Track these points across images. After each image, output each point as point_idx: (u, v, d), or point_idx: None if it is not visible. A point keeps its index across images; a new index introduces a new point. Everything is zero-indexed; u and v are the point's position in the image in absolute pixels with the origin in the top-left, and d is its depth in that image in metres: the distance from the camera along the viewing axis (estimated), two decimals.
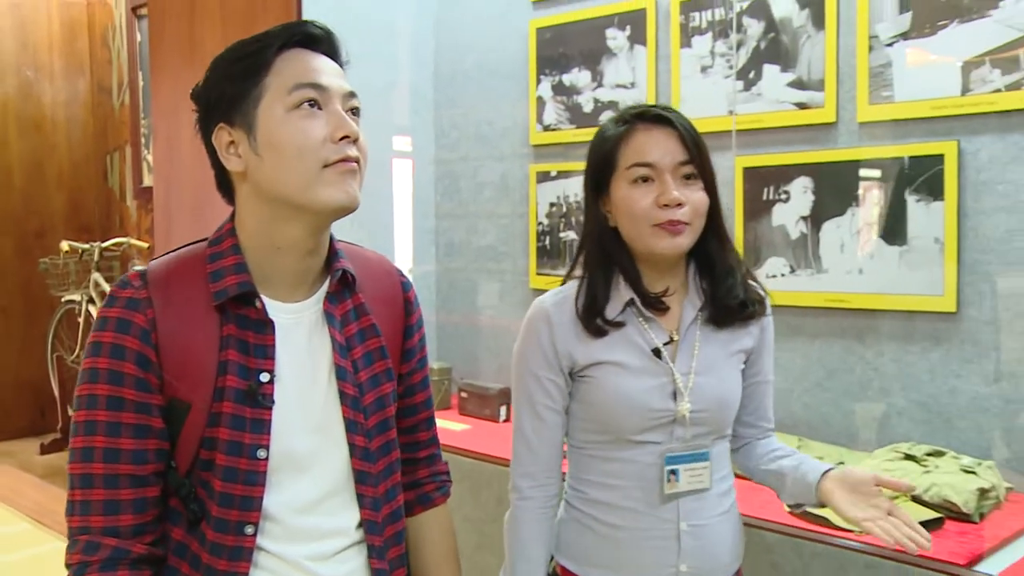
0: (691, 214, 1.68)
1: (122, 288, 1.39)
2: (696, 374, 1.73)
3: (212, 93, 1.42)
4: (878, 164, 2.67)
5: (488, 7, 3.65)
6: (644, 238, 1.70)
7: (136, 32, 5.79)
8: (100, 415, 1.34)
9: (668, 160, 1.69)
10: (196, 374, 1.38)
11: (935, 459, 2.40)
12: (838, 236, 2.75)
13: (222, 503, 1.38)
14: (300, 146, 1.37)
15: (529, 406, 1.80)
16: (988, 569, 1.98)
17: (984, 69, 2.46)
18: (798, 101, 2.82)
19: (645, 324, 1.75)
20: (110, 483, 1.34)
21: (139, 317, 1.36)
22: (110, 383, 1.34)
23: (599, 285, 1.76)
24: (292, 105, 1.38)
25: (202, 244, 1.47)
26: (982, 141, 2.48)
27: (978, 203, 2.49)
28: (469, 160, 3.75)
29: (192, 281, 1.41)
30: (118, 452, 1.34)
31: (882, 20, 2.64)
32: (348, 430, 1.48)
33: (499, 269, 3.68)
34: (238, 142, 1.41)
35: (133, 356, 1.34)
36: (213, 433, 1.38)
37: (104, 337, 1.35)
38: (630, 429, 1.72)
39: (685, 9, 3.05)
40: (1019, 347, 2.44)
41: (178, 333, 1.38)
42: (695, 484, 1.72)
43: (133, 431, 1.35)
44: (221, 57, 1.44)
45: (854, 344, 2.72)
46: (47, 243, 6.07)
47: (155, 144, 4.04)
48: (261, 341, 1.42)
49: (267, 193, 1.40)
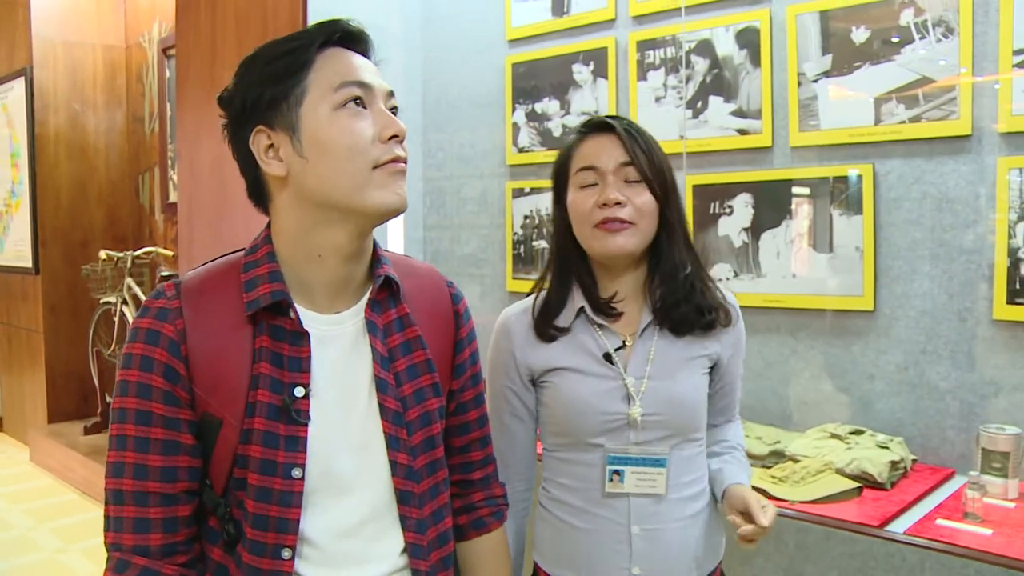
0: (634, 214, 1.54)
1: (155, 298, 1.19)
2: (650, 378, 1.57)
3: (247, 95, 1.19)
4: (808, 183, 2.69)
5: (470, 45, 3.65)
6: (588, 239, 1.57)
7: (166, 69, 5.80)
8: (129, 429, 1.14)
9: (611, 163, 1.55)
10: (227, 388, 1.16)
11: (856, 437, 2.43)
12: (774, 245, 2.76)
13: (256, 525, 1.16)
14: (350, 146, 1.16)
15: (496, 414, 1.66)
16: (896, 528, 2.00)
17: (892, 104, 2.50)
18: (739, 128, 2.84)
19: (598, 330, 1.60)
20: (139, 500, 1.14)
21: (168, 328, 1.15)
22: (139, 396, 1.14)
23: (556, 292, 1.64)
24: (338, 103, 1.17)
25: (239, 254, 1.26)
26: (892, 164, 2.51)
27: (890, 217, 2.52)
28: (453, 178, 3.75)
29: (225, 291, 1.20)
30: (146, 468, 1.14)
31: (808, 60, 2.66)
32: (389, 447, 1.24)
33: (480, 274, 3.67)
34: (279, 145, 1.18)
35: (161, 368, 1.14)
36: (246, 451, 1.16)
37: (134, 349, 1.15)
38: (586, 432, 1.57)
39: (641, 48, 3.07)
40: (923, 340, 2.47)
41: (209, 344, 1.16)
42: (645, 488, 1.56)
43: (162, 447, 1.14)
44: (254, 58, 1.21)
45: (788, 339, 2.73)
46: (89, 252, 6.08)
47: (179, 165, 4.04)
48: (296, 353, 1.19)
49: (313, 196, 1.18)
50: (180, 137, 4.04)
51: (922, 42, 2.43)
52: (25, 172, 6.08)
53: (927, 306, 2.46)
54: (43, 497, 5.16)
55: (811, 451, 2.39)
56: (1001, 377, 2.34)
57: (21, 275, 6.29)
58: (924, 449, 2.46)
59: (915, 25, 2.44)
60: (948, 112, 2.39)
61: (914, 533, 1.97)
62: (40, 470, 5.72)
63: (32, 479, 5.54)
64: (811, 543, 2.05)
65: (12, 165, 6.31)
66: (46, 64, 6.03)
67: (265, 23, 3.45)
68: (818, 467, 2.29)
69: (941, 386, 2.44)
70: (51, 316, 6.08)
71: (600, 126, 1.60)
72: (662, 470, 1.56)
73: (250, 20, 3.53)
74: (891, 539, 1.95)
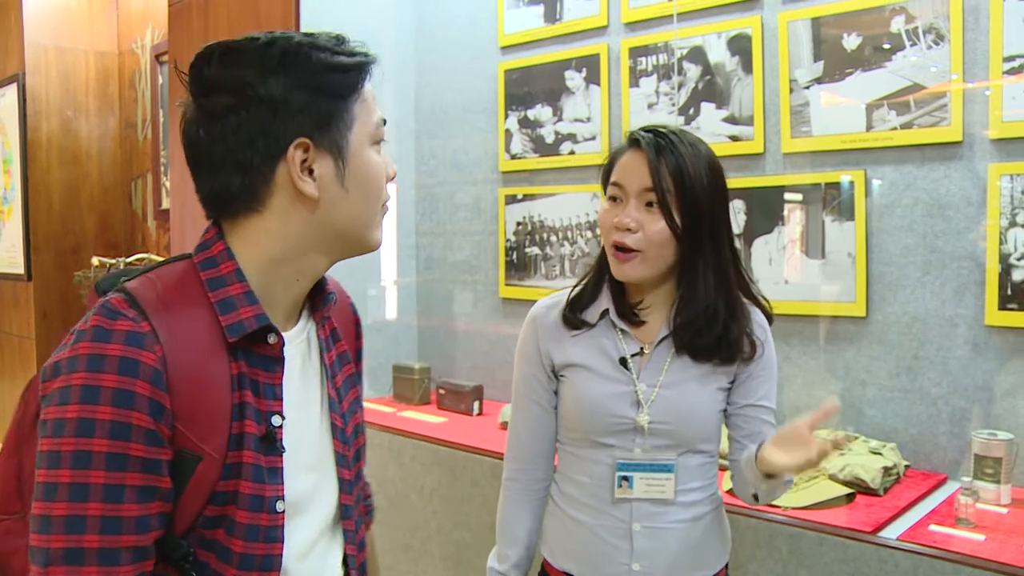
0: (642, 242, 1.53)
1: (112, 318, 0.99)
2: (661, 387, 1.59)
3: (292, 96, 1.06)
4: (800, 189, 2.68)
5: (463, 51, 3.66)
6: (608, 255, 1.60)
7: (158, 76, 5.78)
8: (96, 476, 0.95)
9: (635, 184, 1.55)
10: (208, 420, 1.03)
11: (849, 443, 2.43)
12: (767, 251, 2.76)
13: (242, 565, 1.06)
14: (379, 185, 1.14)
15: (518, 397, 1.73)
16: (889, 534, 2.00)
17: (883, 110, 2.50)
18: (731, 134, 2.84)
19: (619, 334, 1.63)
20: (107, 559, 0.96)
21: (147, 355, 0.98)
22: (112, 437, 0.95)
23: (590, 287, 1.67)
24: (375, 140, 1.14)
25: (184, 264, 1.12)
26: (884, 171, 2.51)
27: (881, 223, 2.52)
28: (446, 184, 3.74)
29: (193, 310, 1.06)
30: (119, 521, 0.96)
31: (800, 67, 2.66)
32: (338, 464, 1.22)
33: (472, 280, 3.67)
34: (315, 163, 1.08)
35: (144, 404, 0.97)
36: (228, 487, 1.05)
37: (103, 380, 0.95)
38: (593, 430, 1.62)
39: (634, 54, 3.07)
40: (915, 346, 2.47)
41: (189, 373, 1.01)
42: (654, 493, 1.58)
43: (138, 494, 0.97)
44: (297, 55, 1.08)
45: (781, 345, 2.70)
46: (81, 258, 6.05)
47: (172, 171, 4.05)
48: (270, 380, 1.10)
49: (335, 226, 1.12)
50: (173, 143, 4.04)
51: (913, 49, 2.44)
52: (17, 178, 6.06)
53: (919, 312, 2.46)
54: None
55: None
56: (993, 383, 2.34)
57: (13, 281, 6.27)
58: (917, 455, 2.46)
59: (906, 32, 2.44)
60: (939, 119, 2.40)
61: (907, 539, 1.96)
62: None
63: None
64: (804, 549, 2.05)
65: (4, 171, 6.29)
66: (38, 70, 6.02)
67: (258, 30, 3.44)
68: (811, 473, 2.28)
69: (933, 392, 2.43)
70: (43, 323, 6.06)
71: (637, 143, 1.58)
72: (670, 475, 1.59)
73: (243, 27, 3.53)
74: (884, 545, 1.95)
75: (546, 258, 3.39)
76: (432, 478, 2.93)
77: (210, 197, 1.12)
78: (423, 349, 3.85)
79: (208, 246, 1.11)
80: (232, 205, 1.11)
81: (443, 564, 2.91)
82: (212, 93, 1.08)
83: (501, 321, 3.54)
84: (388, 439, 3.07)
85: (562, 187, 3.33)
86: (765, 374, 1.66)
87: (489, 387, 3.40)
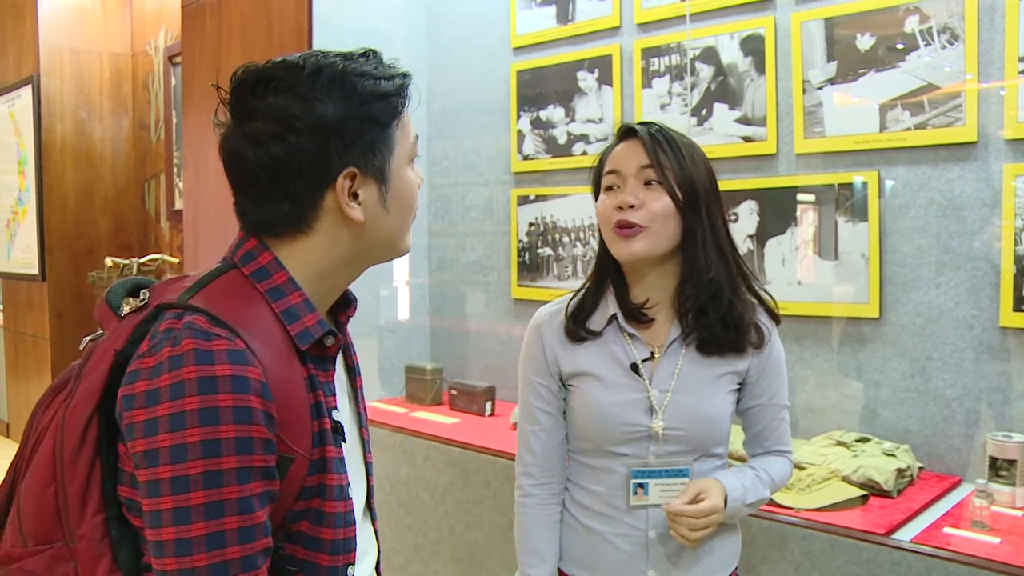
0: (646, 217, 1.54)
1: (206, 339, 1.01)
2: (674, 392, 1.57)
3: (345, 128, 1.09)
4: (813, 190, 2.68)
5: (475, 52, 3.67)
6: (609, 242, 1.59)
7: (171, 77, 5.82)
8: (230, 492, 0.99)
9: (631, 166, 1.57)
10: (297, 422, 1.08)
11: (862, 445, 2.42)
12: (780, 252, 2.75)
13: (334, 551, 1.12)
14: (415, 200, 1.20)
15: (527, 409, 1.69)
16: (903, 536, 1.99)
17: (897, 111, 2.49)
18: (744, 135, 2.83)
19: (628, 339, 1.61)
20: (248, 565, 1.01)
21: (252, 371, 1.01)
22: (239, 452, 0.99)
23: (591, 295, 1.65)
24: (412, 158, 1.18)
25: (232, 276, 1.13)
26: (897, 171, 2.50)
27: (895, 224, 2.51)
28: (458, 185, 3.75)
29: (265, 320, 1.09)
30: (252, 529, 1.01)
31: (813, 67, 2.66)
32: (364, 449, 1.29)
33: (485, 281, 3.67)
34: (363, 192, 1.12)
35: (260, 417, 1.01)
36: (315, 481, 1.10)
37: (220, 400, 0.98)
38: (606, 440, 1.59)
39: (646, 55, 3.07)
40: (929, 347, 2.46)
41: (280, 381, 1.06)
42: (669, 499, 1.55)
43: (262, 500, 1.03)
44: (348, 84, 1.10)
45: (793, 346, 2.71)
46: (94, 259, 6.09)
47: (185, 172, 4.06)
48: (327, 378, 1.16)
49: (380, 244, 1.17)
50: (186, 144, 4.06)
51: (927, 49, 2.43)
52: (32, 179, 6.10)
53: (933, 313, 2.45)
54: None
55: (817, 459, 2.38)
56: (1008, 384, 2.33)
57: (27, 282, 6.31)
58: (930, 457, 2.45)
59: (920, 32, 2.44)
60: (954, 119, 2.39)
61: (921, 541, 1.96)
62: None
63: None
64: (817, 551, 2.04)
65: (19, 172, 6.33)
66: (53, 72, 6.06)
67: (270, 31, 3.46)
68: (824, 475, 2.28)
69: (947, 393, 2.42)
70: (57, 323, 6.09)
71: (627, 132, 1.62)
72: (686, 480, 1.58)
73: (255, 28, 3.55)
74: (897, 547, 1.94)
75: (558, 259, 3.39)
76: (444, 479, 2.93)
77: (255, 220, 1.14)
78: (435, 350, 3.85)
79: (255, 256, 1.13)
80: (278, 228, 1.13)
81: (455, 565, 2.91)
82: (256, 119, 1.09)
83: (513, 322, 3.54)
84: (400, 440, 3.07)
85: (574, 188, 3.33)
86: (775, 372, 1.67)
87: (501, 388, 3.40)
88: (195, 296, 1.08)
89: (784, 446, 1.72)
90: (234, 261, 1.14)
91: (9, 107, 6.40)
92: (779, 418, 1.70)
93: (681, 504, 1.50)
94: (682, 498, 1.51)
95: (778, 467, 1.70)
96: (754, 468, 1.67)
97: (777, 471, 1.69)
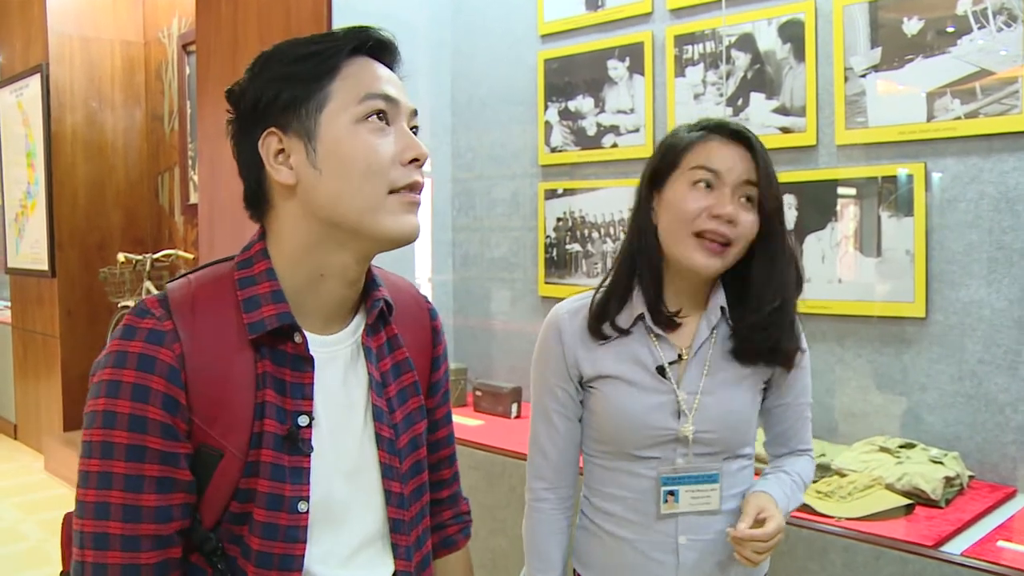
0: (738, 235, 1.50)
1: (139, 317, 1.09)
2: (703, 394, 1.56)
3: (263, 93, 1.13)
4: (854, 183, 2.66)
5: (501, 40, 3.66)
6: (679, 244, 1.52)
7: (185, 66, 5.84)
8: (117, 466, 1.04)
9: (735, 175, 1.50)
10: (230, 417, 1.10)
11: (907, 451, 2.39)
12: (819, 248, 2.73)
13: (260, 563, 1.12)
14: (369, 163, 1.11)
15: (542, 412, 1.67)
16: (952, 549, 1.96)
17: (946, 99, 2.46)
18: (782, 126, 2.81)
19: (655, 340, 1.58)
20: (129, 545, 1.05)
21: (165, 353, 1.06)
22: (131, 430, 1.04)
23: (617, 291, 1.60)
24: (361, 116, 1.12)
25: (226, 265, 1.19)
26: (946, 163, 2.47)
27: (943, 219, 2.48)
28: (483, 179, 3.75)
29: (221, 310, 1.13)
30: (139, 510, 1.05)
31: (856, 54, 2.63)
32: (384, 475, 1.24)
33: (511, 278, 3.67)
34: (291, 151, 1.12)
35: (159, 399, 1.05)
36: (249, 484, 1.11)
37: (124, 375, 1.05)
38: (632, 445, 1.57)
39: (679, 42, 3.05)
40: (980, 349, 2.42)
41: (209, 371, 1.09)
42: (699, 506, 1.56)
43: (157, 485, 1.06)
44: (273, 55, 1.15)
45: (834, 347, 2.69)
46: (106, 255, 6.12)
47: (200, 165, 4.07)
48: (298, 379, 1.15)
49: (320, 211, 1.13)
50: (201, 136, 4.06)
51: (981, 32, 2.39)
52: (41, 172, 6.14)
53: (984, 313, 2.41)
54: (58, 507, 5.20)
55: (859, 465, 2.35)
56: None
57: (37, 278, 6.35)
58: (982, 465, 2.41)
59: (973, 14, 2.40)
60: (1009, 106, 2.35)
61: (972, 555, 1.92)
62: (55, 479, 5.76)
63: (47, 488, 5.59)
64: (859, 563, 2.02)
65: (28, 165, 6.37)
66: (62, 60, 6.09)
67: (288, 18, 3.45)
68: (866, 482, 2.25)
69: (1000, 398, 2.39)
70: (68, 320, 6.13)
71: (735, 134, 1.54)
72: (715, 486, 1.57)
73: (272, 15, 3.54)
74: (947, 560, 1.91)
75: (587, 255, 3.37)
76: (468, 482, 2.89)
77: (245, 203, 1.21)
78: (459, 349, 3.85)
79: (249, 247, 1.19)
80: (254, 210, 1.20)
81: (479, 572, 2.88)
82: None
83: (540, 320, 3.47)
84: None
85: (604, 181, 3.31)
86: (801, 370, 1.65)
87: (528, 389, 3.36)
88: (176, 280, 1.18)
89: (807, 444, 1.72)
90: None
91: (17, 97, 6.44)
92: (804, 417, 1.70)
93: (747, 528, 1.47)
94: (744, 520, 1.49)
95: (806, 468, 1.71)
96: (787, 472, 1.67)
97: (807, 473, 1.70)
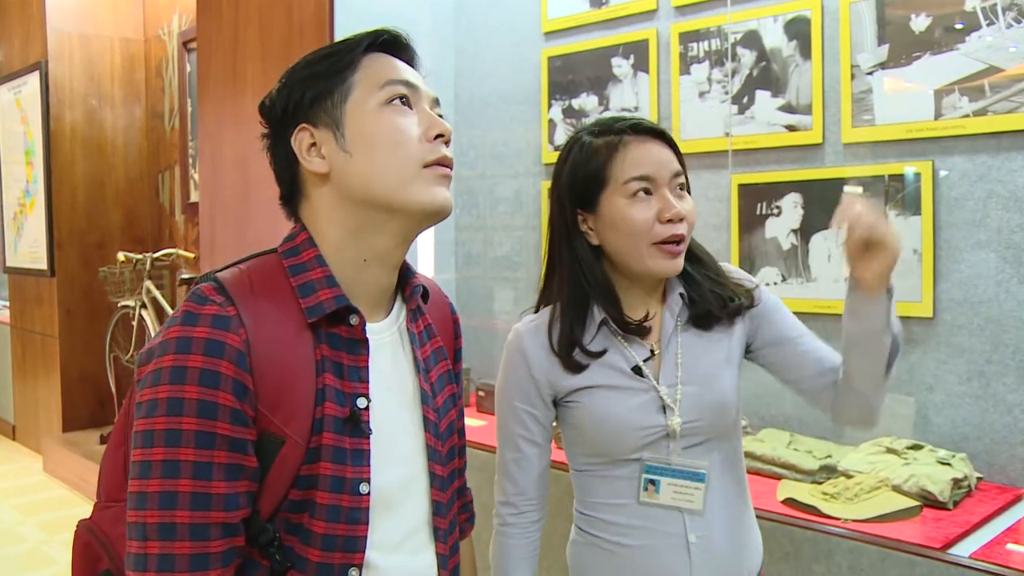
0: (688, 227, 1.50)
1: (200, 303, 1.10)
2: (683, 384, 1.54)
3: (290, 97, 1.20)
4: (861, 182, 2.65)
5: (504, 38, 3.66)
6: (642, 258, 1.50)
7: (186, 64, 5.84)
8: (186, 454, 1.04)
9: (665, 172, 1.49)
10: (292, 403, 1.11)
11: (914, 452, 2.39)
12: (825, 247, 2.74)
13: (325, 546, 1.13)
14: (396, 140, 1.17)
15: (507, 436, 1.64)
16: (960, 552, 1.96)
17: (954, 96, 2.46)
18: (788, 124, 2.81)
19: (623, 342, 1.56)
20: (198, 534, 1.05)
21: (232, 338, 1.07)
22: (200, 416, 1.05)
23: (574, 312, 1.56)
24: (384, 100, 1.19)
25: (270, 256, 1.23)
26: (953, 161, 2.47)
27: (951, 217, 2.48)
28: (486, 177, 3.75)
29: (277, 296, 1.16)
30: (208, 498, 1.06)
31: (863, 51, 2.63)
32: (429, 459, 1.27)
33: (514, 277, 3.68)
34: (321, 143, 1.18)
35: (229, 384, 1.06)
36: (311, 470, 1.12)
37: (190, 361, 1.05)
38: (622, 449, 1.54)
39: (684, 40, 3.05)
40: (988, 350, 2.42)
41: (274, 356, 1.10)
42: (681, 502, 1.53)
43: (226, 472, 1.06)
44: (296, 64, 1.23)
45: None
46: (106, 254, 6.13)
47: (201, 164, 4.07)
48: (355, 362, 1.18)
49: (356, 194, 1.18)
50: (202, 134, 4.07)
51: (990, 28, 2.39)
52: (40, 170, 6.15)
53: (992, 312, 2.41)
54: (57, 509, 5.21)
55: (865, 466, 2.36)
56: None
57: (36, 277, 6.36)
58: (990, 467, 2.41)
59: (982, 10, 2.40)
60: (1018, 104, 2.35)
61: (981, 557, 1.92)
62: (54, 480, 5.78)
63: (46, 490, 5.60)
64: (866, 565, 2.02)
65: (26, 163, 6.39)
66: (61, 57, 6.10)
67: (290, 15, 3.46)
68: (873, 483, 2.26)
69: (1009, 399, 2.39)
70: (67, 320, 6.14)
71: (643, 129, 1.53)
72: (701, 485, 1.54)
73: (274, 12, 3.55)
74: (955, 563, 1.91)
75: None
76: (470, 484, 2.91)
77: (281, 202, 1.27)
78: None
79: (293, 237, 1.23)
80: (291, 207, 1.26)
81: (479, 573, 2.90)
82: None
83: None
84: None
85: None
86: (777, 308, 1.63)
87: None
88: (224, 270, 1.18)
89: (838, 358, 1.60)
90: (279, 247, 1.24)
91: (15, 94, 6.46)
92: (814, 338, 1.62)
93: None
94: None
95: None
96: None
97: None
